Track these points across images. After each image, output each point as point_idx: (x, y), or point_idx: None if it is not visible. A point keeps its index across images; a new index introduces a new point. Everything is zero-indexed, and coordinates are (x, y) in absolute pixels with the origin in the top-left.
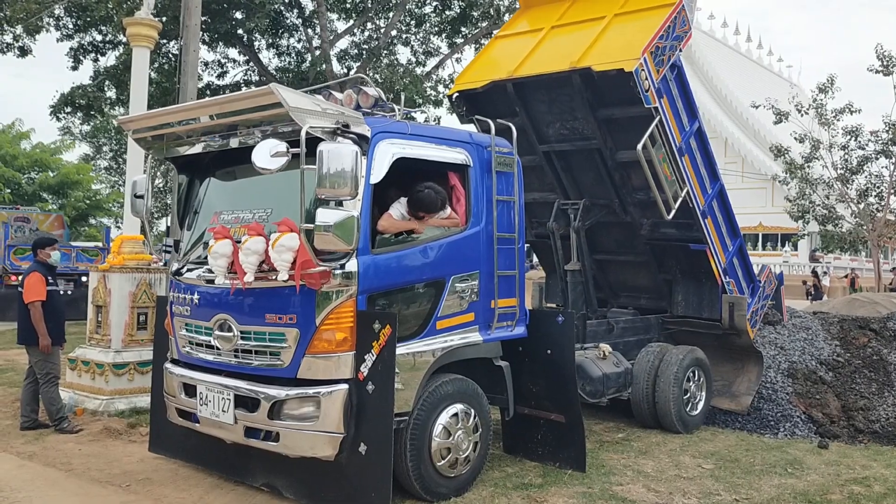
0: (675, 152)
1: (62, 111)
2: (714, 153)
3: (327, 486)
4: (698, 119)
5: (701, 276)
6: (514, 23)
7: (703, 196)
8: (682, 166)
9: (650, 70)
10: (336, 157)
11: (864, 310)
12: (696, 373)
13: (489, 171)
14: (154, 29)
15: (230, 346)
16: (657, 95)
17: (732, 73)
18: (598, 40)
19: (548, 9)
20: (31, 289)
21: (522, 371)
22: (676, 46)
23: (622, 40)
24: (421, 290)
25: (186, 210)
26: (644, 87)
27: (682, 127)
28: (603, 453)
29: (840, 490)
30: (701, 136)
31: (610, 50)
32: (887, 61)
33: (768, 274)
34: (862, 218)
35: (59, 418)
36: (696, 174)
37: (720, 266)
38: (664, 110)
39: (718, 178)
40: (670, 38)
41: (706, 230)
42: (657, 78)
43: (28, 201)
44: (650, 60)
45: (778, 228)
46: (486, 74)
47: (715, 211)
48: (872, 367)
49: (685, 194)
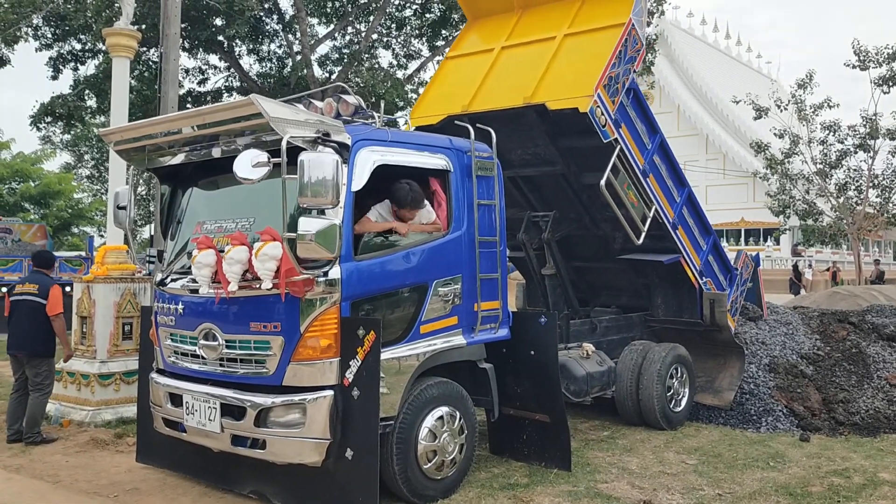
0: (640, 175)
1: (42, 121)
2: (682, 162)
3: (315, 492)
4: (659, 133)
5: (678, 281)
6: (464, 38)
7: (672, 207)
8: (647, 187)
9: (605, 104)
10: (317, 166)
11: (845, 303)
12: (678, 370)
13: (470, 175)
14: (133, 39)
15: (215, 355)
16: (615, 126)
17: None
18: (550, 68)
19: (496, 22)
20: (57, 301)
21: (507, 372)
22: (630, 69)
23: (574, 71)
24: (404, 295)
25: (170, 220)
26: (601, 122)
27: (644, 147)
28: (588, 451)
29: (820, 482)
30: (664, 149)
31: (563, 83)
32: (864, 56)
33: (744, 259)
34: (841, 212)
35: (37, 431)
36: (663, 189)
37: (696, 270)
38: (624, 139)
39: (685, 184)
40: (623, 62)
41: (678, 240)
42: (613, 109)
43: (10, 212)
44: (604, 94)
45: (760, 223)
46: (441, 108)
47: (685, 217)
48: (852, 360)
49: (654, 213)
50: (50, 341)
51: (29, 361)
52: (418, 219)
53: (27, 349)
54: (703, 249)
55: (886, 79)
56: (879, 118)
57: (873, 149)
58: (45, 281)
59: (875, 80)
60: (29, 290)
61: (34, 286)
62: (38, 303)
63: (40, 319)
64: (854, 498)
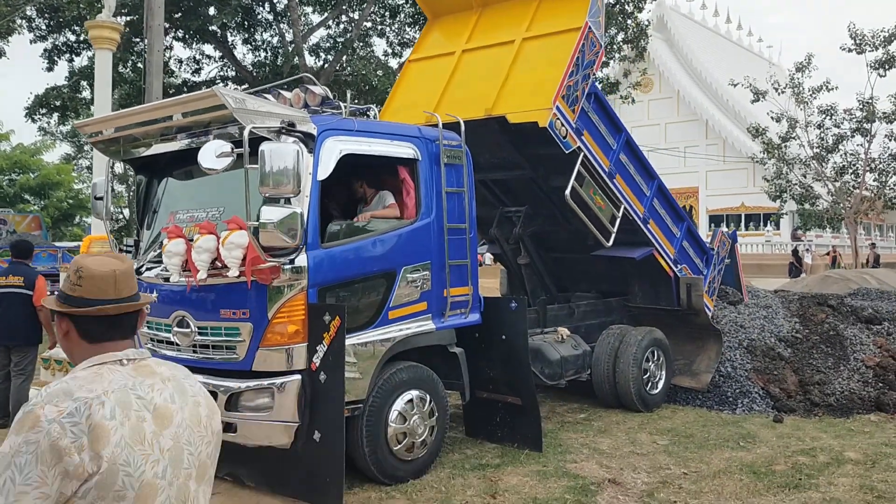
0: (606, 178)
1: (37, 112)
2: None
3: (286, 473)
4: (624, 132)
5: (654, 271)
6: (426, 38)
7: (642, 202)
8: (615, 188)
9: (565, 115)
10: (277, 155)
11: (837, 286)
12: (655, 353)
13: (438, 163)
14: (116, 31)
15: (188, 342)
16: (577, 135)
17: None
18: (509, 77)
19: (456, 21)
20: (43, 291)
21: (479, 356)
22: (590, 75)
23: (533, 81)
24: (372, 282)
25: (145, 210)
26: (561, 134)
27: (609, 148)
28: (563, 433)
29: (786, 461)
30: (630, 146)
31: (522, 94)
32: (860, 40)
33: (720, 237)
34: (838, 196)
35: None
36: (632, 186)
37: (670, 260)
38: (587, 146)
39: (654, 177)
40: (581, 68)
41: (650, 233)
42: (574, 118)
43: (10, 203)
44: (563, 106)
45: (760, 208)
46: (406, 117)
47: (656, 209)
48: (829, 343)
49: (622, 212)
50: (37, 329)
51: (16, 350)
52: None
53: (16, 338)
54: (676, 237)
55: (883, 62)
56: (876, 102)
57: (870, 132)
58: (29, 272)
59: (871, 64)
60: (14, 283)
61: (19, 278)
62: (25, 294)
63: (27, 310)
64: (816, 476)
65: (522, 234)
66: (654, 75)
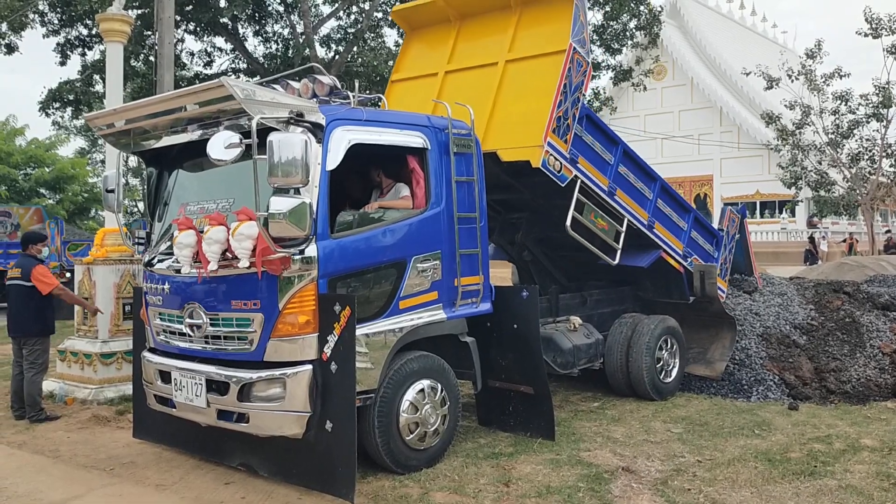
0: (606, 196)
1: (51, 107)
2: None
3: (298, 463)
4: (620, 143)
5: (664, 268)
6: (406, 55)
7: (645, 208)
8: (616, 204)
9: (557, 149)
10: (285, 146)
11: (853, 273)
12: (668, 341)
13: (447, 152)
14: (126, 24)
15: (200, 333)
16: (572, 164)
17: (727, 42)
18: (497, 106)
19: (435, 35)
20: (45, 280)
21: (491, 346)
22: (579, 98)
23: (521, 112)
24: (382, 272)
25: (156, 202)
26: (555, 169)
27: (606, 165)
28: (576, 422)
29: (801, 448)
30: (628, 156)
31: (511, 127)
32: (876, 24)
33: (729, 215)
34: (854, 182)
35: (39, 409)
36: (633, 196)
37: (678, 256)
38: (584, 172)
39: (656, 178)
40: (570, 94)
41: (657, 237)
42: (567, 149)
43: (25, 197)
44: (555, 140)
45: (775, 195)
46: None
47: (661, 209)
48: (845, 330)
49: (626, 224)
50: (41, 321)
51: (24, 342)
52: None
53: (21, 331)
54: (683, 231)
55: None
56: (892, 87)
57: (886, 118)
58: (25, 263)
59: (888, 48)
60: (14, 275)
61: (18, 270)
62: (24, 286)
63: (28, 302)
64: (832, 463)
65: (524, 242)
66: (668, 62)
